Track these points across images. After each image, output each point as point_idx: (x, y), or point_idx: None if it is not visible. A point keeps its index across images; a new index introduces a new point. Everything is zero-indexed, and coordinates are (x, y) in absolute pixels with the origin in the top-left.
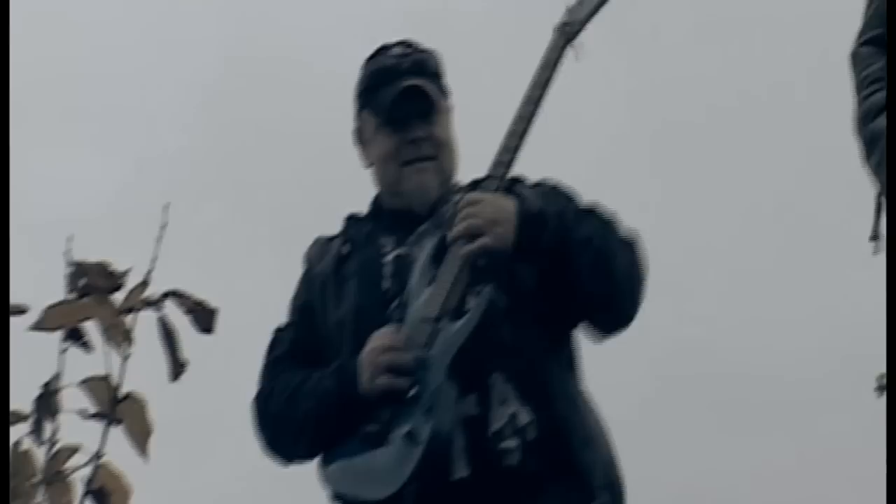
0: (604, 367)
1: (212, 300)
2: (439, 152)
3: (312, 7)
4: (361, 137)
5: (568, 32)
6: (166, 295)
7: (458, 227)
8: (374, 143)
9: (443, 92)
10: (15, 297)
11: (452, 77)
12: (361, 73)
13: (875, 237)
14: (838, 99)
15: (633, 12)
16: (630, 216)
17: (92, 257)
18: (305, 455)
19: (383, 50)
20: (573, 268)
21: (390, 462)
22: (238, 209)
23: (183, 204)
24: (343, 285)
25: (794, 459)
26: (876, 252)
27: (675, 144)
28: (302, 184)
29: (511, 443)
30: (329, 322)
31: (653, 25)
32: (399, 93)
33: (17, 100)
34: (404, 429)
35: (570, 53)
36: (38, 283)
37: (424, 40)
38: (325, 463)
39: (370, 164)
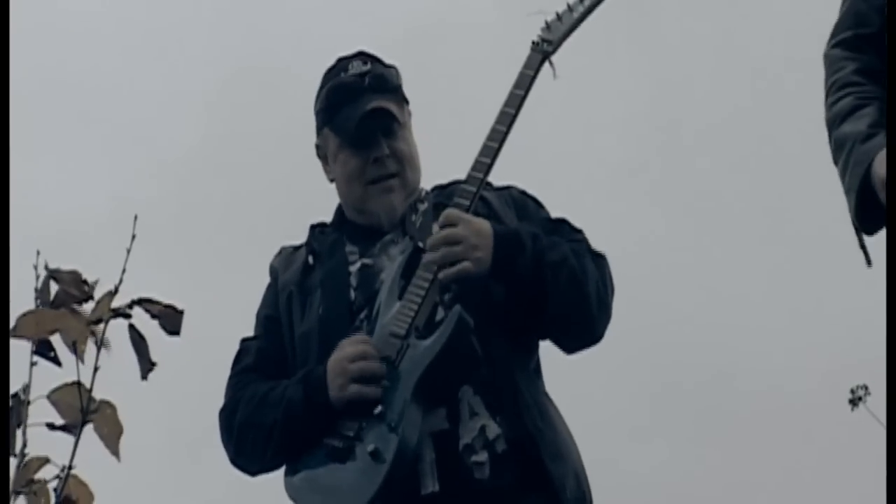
0: (596, 373)
1: (209, 307)
2: (403, 167)
3: (316, 18)
4: (324, 153)
5: (545, 49)
6: (134, 303)
7: (438, 254)
8: (338, 160)
9: (404, 103)
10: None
11: (451, 89)
12: (321, 88)
13: (862, 246)
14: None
15: (640, 14)
16: (627, 222)
17: (87, 263)
18: (271, 465)
19: (342, 62)
20: (547, 291)
21: (356, 478)
22: (239, 218)
23: (183, 212)
24: (308, 296)
25: (794, 467)
26: (869, 264)
27: (673, 149)
28: (304, 193)
29: (481, 456)
30: (295, 333)
31: (660, 26)
32: (363, 115)
33: (19, 106)
34: (370, 446)
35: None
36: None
37: (424, 53)
38: (290, 473)
39: (333, 179)
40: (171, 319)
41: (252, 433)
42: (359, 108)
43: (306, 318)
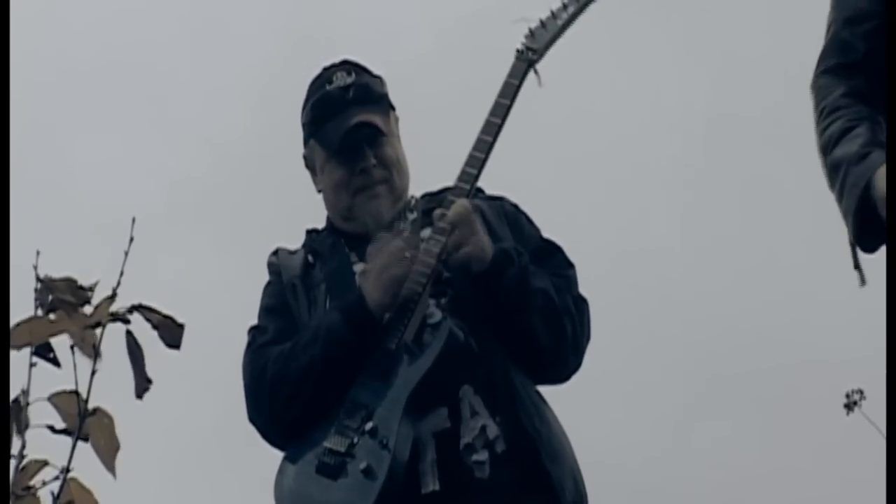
0: (650, 365)
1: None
2: (390, 173)
3: None
4: (311, 164)
5: (530, 58)
6: (133, 309)
7: (453, 237)
8: (325, 172)
9: (390, 110)
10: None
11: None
12: (307, 100)
13: (857, 267)
14: None
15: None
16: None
17: (150, 245)
18: (306, 417)
19: (326, 73)
20: (526, 312)
21: (347, 496)
22: (295, 199)
23: (237, 192)
24: (312, 291)
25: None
26: (862, 283)
27: (725, 132)
28: None
29: (482, 455)
30: (302, 321)
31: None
32: (347, 130)
33: (75, 86)
34: (362, 463)
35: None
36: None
37: (486, 36)
38: (290, 459)
39: (321, 190)
40: (170, 332)
41: (287, 383)
42: (344, 121)
43: (314, 312)
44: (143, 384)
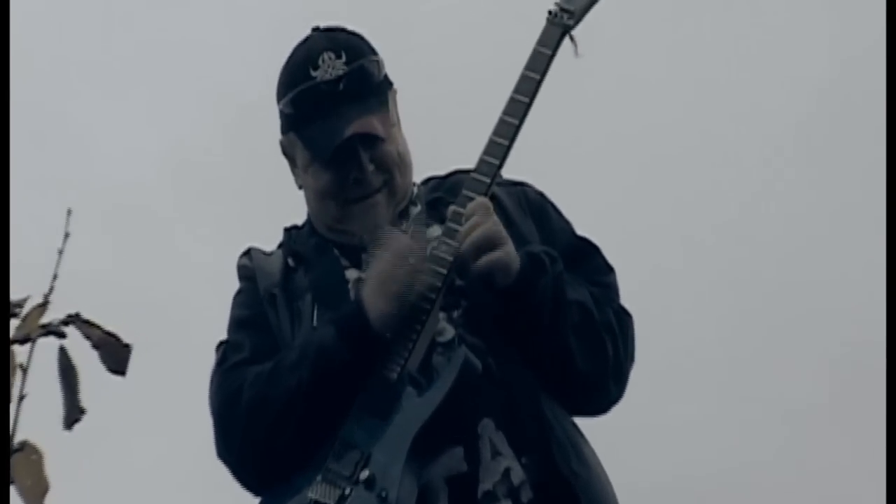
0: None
1: None
2: (391, 175)
3: None
4: (290, 154)
5: (565, 23)
6: (69, 321)
7: (473, 236)
8: (308, 172)
9: (388, 93)
10: None
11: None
12: (287, 85)
13: None
14: None
15: None
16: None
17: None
18: (283, 450)
19: (311, 51)
20: (560, 330)
21: None
22: None
23: (245, 163)
24: (296, 302)
25: None
26: None
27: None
28: None
29: None
30: (284, 338)
31: None
32: (339, 144)
33: (82, 51)
34: None
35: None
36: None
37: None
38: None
39: (301, 187)
40: (114, 353)
41: (267, 410)
42: (334, 126)
43: (298, 328)
44: (73, 413)
